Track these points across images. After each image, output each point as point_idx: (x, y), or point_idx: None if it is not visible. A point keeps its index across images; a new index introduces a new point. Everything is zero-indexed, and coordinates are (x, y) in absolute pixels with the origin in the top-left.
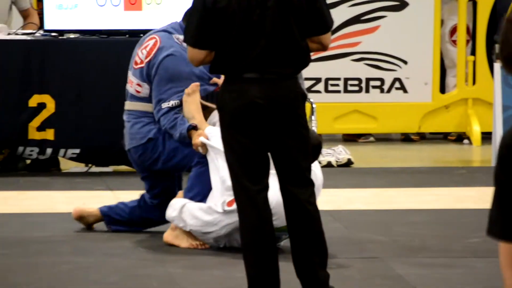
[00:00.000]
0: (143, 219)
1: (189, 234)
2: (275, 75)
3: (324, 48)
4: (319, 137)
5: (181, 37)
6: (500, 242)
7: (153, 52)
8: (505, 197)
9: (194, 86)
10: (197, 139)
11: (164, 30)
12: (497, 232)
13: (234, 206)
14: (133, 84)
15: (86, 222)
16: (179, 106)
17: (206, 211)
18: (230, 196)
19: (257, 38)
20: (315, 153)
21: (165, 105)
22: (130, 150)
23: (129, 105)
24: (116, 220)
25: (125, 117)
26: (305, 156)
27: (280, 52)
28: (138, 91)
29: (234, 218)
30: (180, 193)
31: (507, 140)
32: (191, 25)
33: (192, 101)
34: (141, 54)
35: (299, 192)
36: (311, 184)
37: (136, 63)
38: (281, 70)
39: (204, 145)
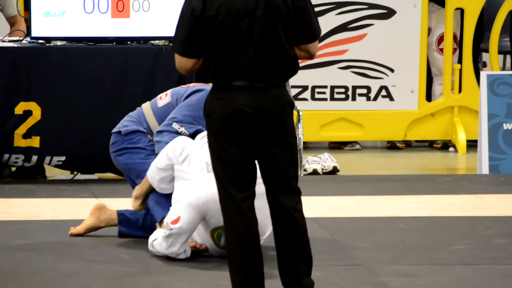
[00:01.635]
0: (152, 228)
1: None
2: (264, 83)
3: (311, 56)
4: None
5: None
6: None
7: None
8: None
9: None
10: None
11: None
12: None
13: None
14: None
15: (98, 220)
16: (185, 135)
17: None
18: (173, 214)
19: (246, 47)
20: None
21: (176, 126)
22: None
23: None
24: (130, 221)
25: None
26: (292, 164)
27: (268, 61)
28: (160, 98)
29: (183, 236)
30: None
31: None
32: (180, 33)
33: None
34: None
35: (286, 200)
36: (298, 192)
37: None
38: (270, 78)
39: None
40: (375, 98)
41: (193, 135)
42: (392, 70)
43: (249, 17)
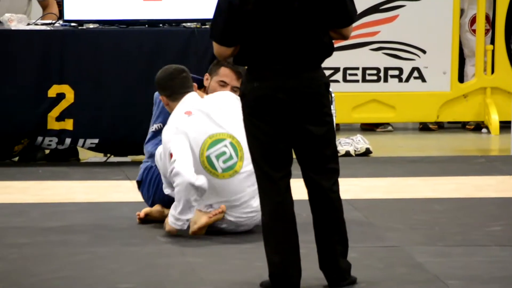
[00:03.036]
0: None
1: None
2: (298, 66)
3: (345, 38)
4: None
5: None
6: None
7: None
8: None
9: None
10: None
11: None
12: None
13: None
14: None
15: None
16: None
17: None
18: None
19: (281, 32)
20: None
21: (151, 129)
22: None
23: None
24: None
25: None
26: (329, 144)
27: (303, 45)
28: None
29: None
30: None
31: None
32: (218, 23)
33: None
34: None
35: (322, 180)
36: (335, 172)
37: None
38: (304, 61)
39: None
40: (407, 80)
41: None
42: (424, 52)
43: (286, 6)
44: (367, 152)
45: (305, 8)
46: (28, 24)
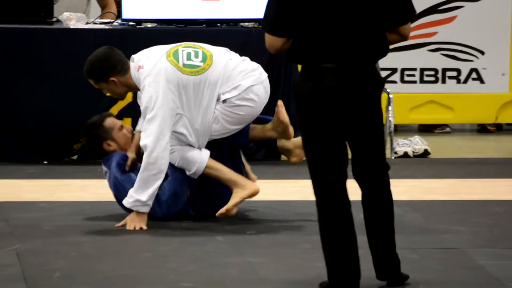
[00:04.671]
0: None
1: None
2: (353, 65)
3: (404, 38)
4: None
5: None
6: None
7: None
8: None
9: None
10: None
11: None
12: None
13: None
14: None
15: None
16: None
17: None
18: None
19: (335, 28)
20: None
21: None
22: None
23: None
24: None
25: None
26: (381, 141)
27: (357, 42)
28: None
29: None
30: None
31: None
32: (270, 13)
33: None
34: None
35: (376, 177)
36: (387, 168)
37: None
38: (359, 60)
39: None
40: (465, 81)
41: None
42: (482, 53)
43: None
44: (426, 154)
45: (359, 4)
46: (87, 23)
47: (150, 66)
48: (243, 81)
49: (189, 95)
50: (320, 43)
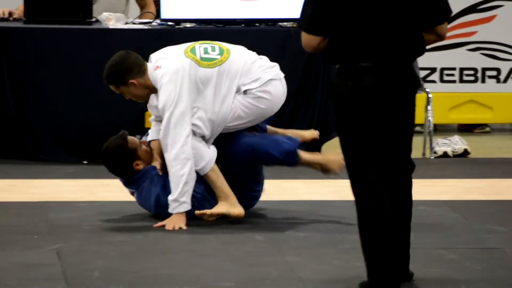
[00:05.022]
0: None
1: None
2: (391, 64)
3: (441, 38)
4: None
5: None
6: None
7: None
8: None
9: None
10: None
11: None
12: None
13: None
14: None
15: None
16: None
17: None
18: None
19: (373, 26)
20: None
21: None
22: None
23: None
24: None
25: None
26: (411, 140)
27: (395, 40)
28: None
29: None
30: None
31: None
32: (307, 11)
33: None
34: None
35: (401, 176)
36: (413, 167)
37: None
38: (396, 59)
39: None
40: (505, 80)
41: None
42: None
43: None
44: (465, 153)
45: (396, 2)
46: (126, 23)
47: (167, 65)
48: (263, 74)
49: (207, 87)
50: (358, 42)
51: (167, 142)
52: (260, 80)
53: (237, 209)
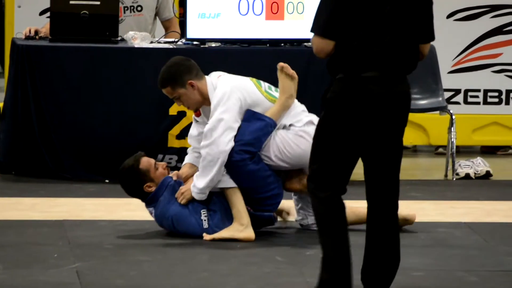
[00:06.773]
0: None
1: None
2: (394, 75)
3: (422, 57)
4: None
5: None
6: None
7: None
8: None
9: None
10: None
11: None
12: None
13: None
14: None
15: None
16: None
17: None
18: None
19: (381, 36)
20: None
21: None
22: None
23: None
24: None
25: None
26: (400, 161)
27: (399, 52)
28: None
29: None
30: None
31: None
32: (321, 16)
33: None
34: None
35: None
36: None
37: None
38: (399, 70)
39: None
40: None
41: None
42: None
43: (390, 5)
44: (488, 175)
45: (405, 7)
46: (151, 42)
47: (232, 76)
48: (306, 118)
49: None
50: (364, 50)
51: (206, 132)
52: (304, 121)
53: (244, 233)
